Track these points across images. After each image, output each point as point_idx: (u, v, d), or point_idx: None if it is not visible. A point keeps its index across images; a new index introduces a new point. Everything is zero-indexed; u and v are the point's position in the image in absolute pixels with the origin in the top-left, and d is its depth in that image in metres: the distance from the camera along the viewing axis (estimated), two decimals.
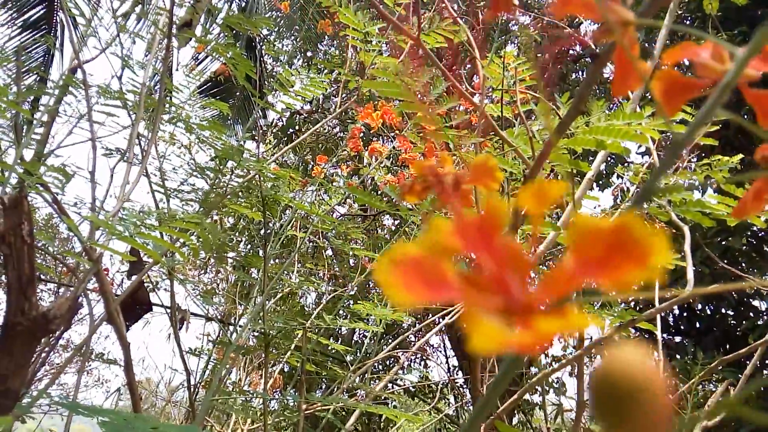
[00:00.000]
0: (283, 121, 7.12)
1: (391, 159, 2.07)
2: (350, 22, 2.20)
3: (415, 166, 0.46)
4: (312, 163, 7.66)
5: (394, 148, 1.97)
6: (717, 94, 0.30)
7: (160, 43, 2.22)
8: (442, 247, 0.22)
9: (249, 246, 7.67)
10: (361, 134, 2.26)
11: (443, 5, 1.64)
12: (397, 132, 1.87)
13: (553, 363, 7.60)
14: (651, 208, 1.19)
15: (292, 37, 9.39)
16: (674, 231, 1.63)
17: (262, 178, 1.91)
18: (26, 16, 8.09)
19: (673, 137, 0.29)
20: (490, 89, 1.49)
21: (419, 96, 1.27)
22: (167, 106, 2.69)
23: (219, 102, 2.97)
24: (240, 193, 2.30)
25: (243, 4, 7.40)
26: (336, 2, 2.28)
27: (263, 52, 8.55)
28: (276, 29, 9.10)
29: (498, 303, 0.21)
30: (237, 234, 8.14)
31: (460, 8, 4.89)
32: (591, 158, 1.35)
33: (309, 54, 9.47)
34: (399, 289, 0.22)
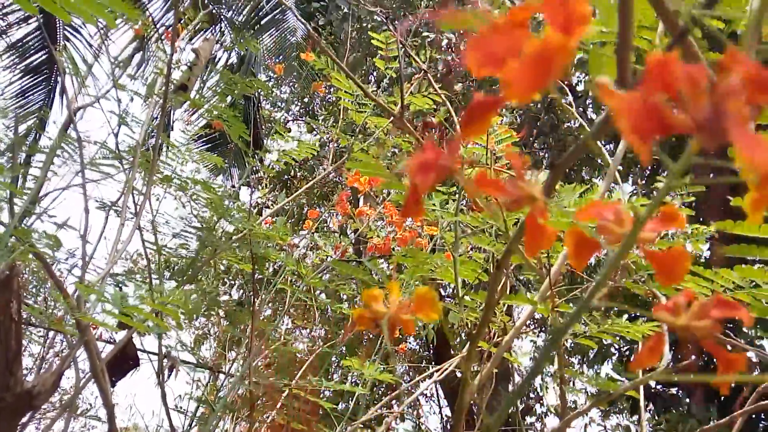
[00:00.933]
0: (279, 166, 7.19)
1: (381, 218, 2.12)
2: (342, 85, 2.27)
3: (363, 296, 0.49)
4: (307, 207, 7.70)
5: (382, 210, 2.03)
6: (612, 260, 0.34)
7: (157, 103, 2.28)
8: None
9: (242, 291, 7.63)
10: (350, 194, 2.32)
11: (428, 77, 1.71)
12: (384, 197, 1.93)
13: (548, 412, 7.50)
14: (627, 283, 1.22)
15: (291, 84, 9.56)
16: (655, 299, 1.66)
17: (252, 236, 1.95)
18: (28, 61, 8.23)
19: (554, 327, 0.32)
20: (475, 158, 1.54)
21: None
22: (164, 157, 2.73)
23: (214, 156, 3.03)
24: (233, 243, 2.33)
25: (242, 53, 7.56)
26: (328, 65, 2.36)
27: (261, 98, 8.70)
28: (274, 76, 9.27)
29: None
30: (230, 278, 8.10)
31: (454, 61, 5.02)
32: None
33: (306, 100, 9.63)
34: None
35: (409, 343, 7.12)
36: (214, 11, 6.93)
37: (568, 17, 0.31)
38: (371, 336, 5.88)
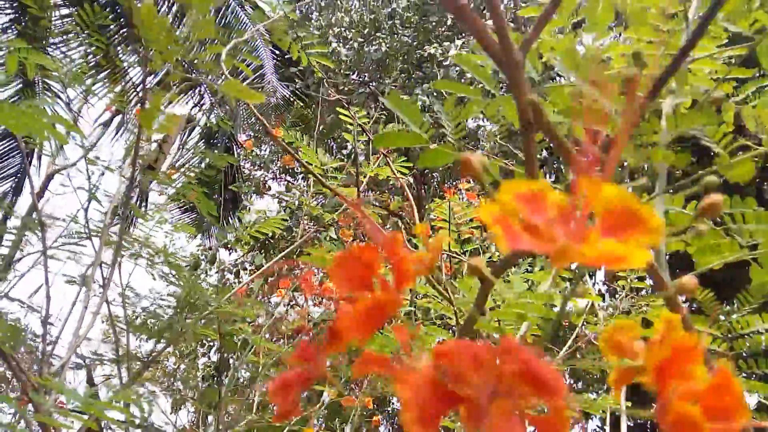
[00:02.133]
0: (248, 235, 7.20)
1: None
2: (311, 159, 2.32)
3: None
4: (286, 267, 7.66)
5: None
6: None
7: (123, 182, 2.30)
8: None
9: (219, 354, 7.47)
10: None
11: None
12: None
13: None
14: (583, 364, 1.25)
15: (270, 143, 9.68)
16: None
17: (220, 314, 1.94)
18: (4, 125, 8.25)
19: None
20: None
21: None
22: (140, 224, 2.72)
23: (186, 225, 3.04)
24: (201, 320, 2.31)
25: (221, 114, 7.66)
26: (298, 139, 2.41)
27: (241, 157, 8.78)
28: (255, 134, 9.40)
29: None
30: (208, 339, 7.96)
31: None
32: None
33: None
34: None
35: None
36: (193, 75, 7.05)
37: (400, 274, 0.35)
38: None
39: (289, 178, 9.07)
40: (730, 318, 1.04)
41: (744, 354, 1.10)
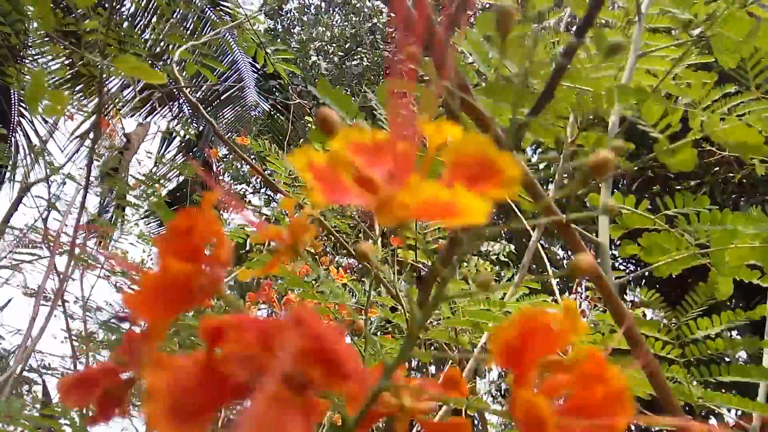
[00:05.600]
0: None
1: None
2: (278, 169, 2.28)
3: None
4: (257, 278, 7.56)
5: None
6: None
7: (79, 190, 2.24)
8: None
9: None
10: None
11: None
12: None
13: None
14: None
15: (251, 156, 9.62)
16: None
17: (181, 328, 1.88)
18: None
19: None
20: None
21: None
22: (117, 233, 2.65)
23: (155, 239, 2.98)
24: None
25: (201, 129, 7.60)
26: (266, 148, 2.37)
27: (221, 171, 8.70)
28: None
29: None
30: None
31: None
32: None
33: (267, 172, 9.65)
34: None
35: None
36: (172, 89, 7.01)
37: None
38: None
39: (269, 192, 9.02)
40: (679, 322, 1.00)
41: (697, 360, 1.06)
